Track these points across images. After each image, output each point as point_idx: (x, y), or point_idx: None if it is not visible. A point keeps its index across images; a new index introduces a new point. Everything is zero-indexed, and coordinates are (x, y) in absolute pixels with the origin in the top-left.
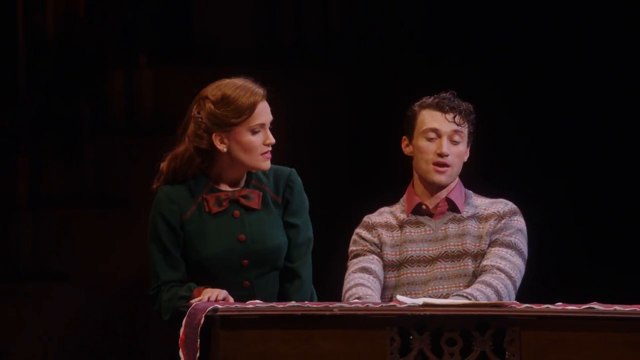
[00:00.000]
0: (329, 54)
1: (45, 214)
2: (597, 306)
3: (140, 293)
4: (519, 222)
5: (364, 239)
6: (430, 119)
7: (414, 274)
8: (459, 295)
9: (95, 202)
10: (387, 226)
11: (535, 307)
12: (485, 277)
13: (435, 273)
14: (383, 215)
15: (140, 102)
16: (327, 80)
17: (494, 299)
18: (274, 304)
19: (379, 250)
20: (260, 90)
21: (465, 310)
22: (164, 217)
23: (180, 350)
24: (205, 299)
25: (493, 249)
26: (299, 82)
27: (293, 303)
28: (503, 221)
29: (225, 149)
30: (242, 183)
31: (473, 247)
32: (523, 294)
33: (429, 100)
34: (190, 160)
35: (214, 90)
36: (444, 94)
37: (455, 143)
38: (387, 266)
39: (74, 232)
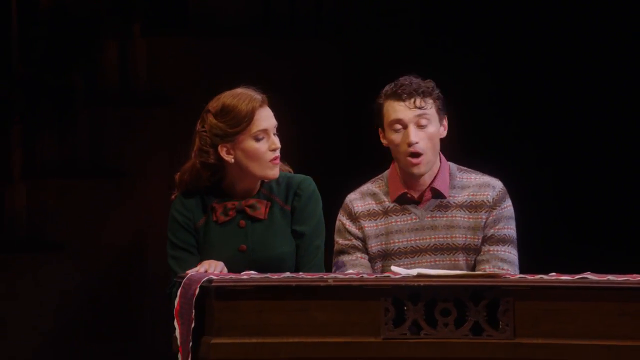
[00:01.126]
0: (324, 26)
1: (39, 184)
2: (590, 276)
3: (134, 263)
4: (508, 207)
5: (348, 231)
6: (392, 110)
7: (402, 267)
8: None
9: (90, 172)
10: (370, 215)
11: (529, 277)
12: None
13: (425, 266)
14: (365, 200)
15: (134, 72)
16: (322, 52)
17: None
18: (268, 274)
19: (362, 243)
20: (258, 97)
21: (460, 281)
22: (177, 220)
23: (175, 320)
24: (202, 270)
25: (491, 248)
26: (293, 54)
27: (287, 274)
28: (495, 212)
29: (232, 160)
30: (255, 193)
31: (463, 239)
32: None
33: (389, 89)
34: (197, 175)
35: (214, 102)
36: (402, 80)
37: (422, 127)
38: (372, 258)
39: (68, 202)
